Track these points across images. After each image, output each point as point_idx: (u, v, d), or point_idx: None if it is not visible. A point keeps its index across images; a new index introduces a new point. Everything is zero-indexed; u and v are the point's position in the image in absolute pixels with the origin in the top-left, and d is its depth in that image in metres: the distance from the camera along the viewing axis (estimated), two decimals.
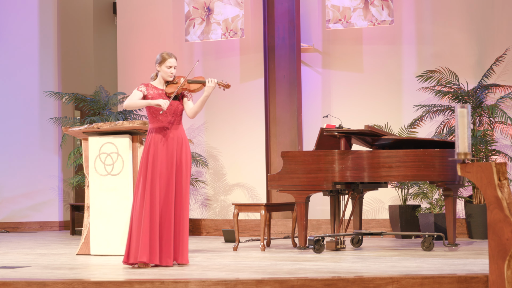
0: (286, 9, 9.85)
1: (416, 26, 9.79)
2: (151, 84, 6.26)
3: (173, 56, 6.24)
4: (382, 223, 9.58)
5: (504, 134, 9.19)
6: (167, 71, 6.21)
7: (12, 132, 11.75)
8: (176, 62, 6.24)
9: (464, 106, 4.65)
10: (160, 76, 6.25)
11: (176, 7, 10.82)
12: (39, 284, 4.94)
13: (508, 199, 4.51)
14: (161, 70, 6.23)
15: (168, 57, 6.21)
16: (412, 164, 7.10)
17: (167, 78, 6.23)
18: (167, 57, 6.21)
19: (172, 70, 6.22)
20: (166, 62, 6.20)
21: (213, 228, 10.20)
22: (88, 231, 7.36)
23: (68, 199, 12.07)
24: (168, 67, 6.21)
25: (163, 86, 6.27)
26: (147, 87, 6.22)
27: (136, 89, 6.20)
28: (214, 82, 6.23)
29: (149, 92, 6.20)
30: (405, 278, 4.80)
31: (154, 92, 6.21)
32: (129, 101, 6.16)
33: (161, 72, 6.24)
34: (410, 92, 9.65)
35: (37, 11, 11.92)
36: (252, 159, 10.28)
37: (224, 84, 6.32)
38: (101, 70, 12.78)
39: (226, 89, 6.38)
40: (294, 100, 9.81)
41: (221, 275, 5.28)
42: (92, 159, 7.35)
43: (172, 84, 6.27)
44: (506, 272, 4.46)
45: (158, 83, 6.28)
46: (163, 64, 6.21)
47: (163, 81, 6.27)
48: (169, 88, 6.26)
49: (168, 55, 6.22)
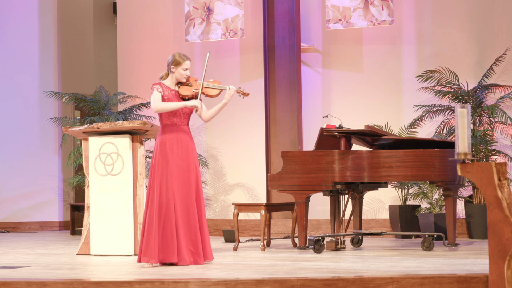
0: (286, 9, 9.85)
1: (416, 26, 9.79)
2: (163, 84, 6.26)
3: (188, 58, 6.26)
4: (382, 223, 9.58)
5: (504, 134, 9.19)
6: (183, 73, 6.23)
7: (12, 132, 11.75)
8: (190, 64, 6.26)
9: (464, 106, 4.65)
10: (174, 77, 6.26)
11: (176, 7, 10.82)
12: (39, 284, 4.94)
13: (508, 199, 4.51)
14: (176, 72, 6.23)
15: (185, 59, 6.22)
16: (412, 164, 7.10)
17: (181, 79, 6.25)
18: (183, 59, 6.22)
19: (187, 72, 6.24)
20: (183, 64, 6.22)
21: (213, 228, 10.20)
22: (88, 231, 7.36)
23: (68, 199, 12.07)
24: (185, 70, 6.23)
25: (175, 86, 6.28)
26: (162, 88, 6.22)
27: (156, 90, 6.18)
28: (233, 90, 6.30)
29: (165, 93, 6.20)
30: (405, 278, 4.80)
31: (168, 92, 6.21)
32: (158, 104, 6.13)
33: (176, 74, 6.23)
34: (410, 92, 9.65)
35: (37, 11, 11.92)
36: (252, 159, 10.28)
37: (243, 92, 6.36)
38: (101, 70, 12.79)
39: (245, 97, 6.40)
40: (294, 100, 9.81)
41: (221, 275, 5.28)
42: (92, 159, 7.35)
43: (186, 86, 6.27)
44: (506, 272, 4.46)
45: (171, 83, 6.28)
46: (180, 66, 6.21)
47: (175, 82, 6.28)
48: (183, 90, 6.25)
49: (184, 58, 6.22)
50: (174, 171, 6.12)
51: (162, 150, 6.16)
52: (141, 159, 7.31)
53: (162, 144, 6.17)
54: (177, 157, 6.15)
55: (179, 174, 6.13)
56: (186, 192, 6.14)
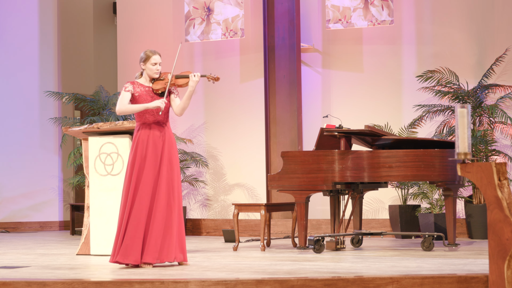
0: (286, 9, 9.85)
1: (416, 26, 9.79)
2: (137, 82, 6.26)
3: (156, 53, 6.25)
4: (382, 223, 9.58)
5: (504, 134, 9.19)
6: (153, 68, 6.22)
7: (12, 132, 11.75)
8: (160, 59, 6.25)
9: (464, 106, 4.65)
10: (146, 74, 6.26)
11: (176, 7, 10.82)
12: (39, 284, 4.94)
13: (508, 199, 4.51)
14: (146, 68, 6.24)
15: (152, 54, 6.22)
16: (412, 164, 7.10)
17: (153, 75, 6.24)
18: (150, 54, 6.22)
19: (157, 67, 6.23)
20: (151, 59, 6.21)
21: (213, 228, 10.20)
22: (88, 231, 7.36)
23: (68, 199, 12.07)
24: (153, 64, 6.22)
25: (149, 83, 6.27)
26: (134, 85, 6.22)
27: (124, 89, 6.18)
28: (198, 76, 6.23)
29: (136, 90, 6.20)
30: (405, 278, 4.80)
31: (140, 89, 6.21)
32: (122, 106, 6.13)
33: (147, 70, 6.24)
34: (410, 92, 9.65)
35: (37, 11, 11.92)
36: (252, 159, 10.28)
37: (212, 77, 6.28)
38: (101, 70, 12.78)
39: (216, 81, 6.32)
40: (294, 100, 9.81)
41: (221, 275, 5.27)
42: (92, 159, 7.35)
43: (159, 81, 6.27)
44: (506, 272, 4.46)
45: (144, 80, 6.28)
46: (148, 61, 6.22)
47: (149, 79, 6.27)
48: (156, 84, 6.25)
49: (152, 52, 6.23)
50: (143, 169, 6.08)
51: (133, 149, 6.15)
52: None
53: (134, 142, 6.17)
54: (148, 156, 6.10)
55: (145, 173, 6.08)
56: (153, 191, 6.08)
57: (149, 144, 6.13)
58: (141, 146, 6.13)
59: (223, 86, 10.32)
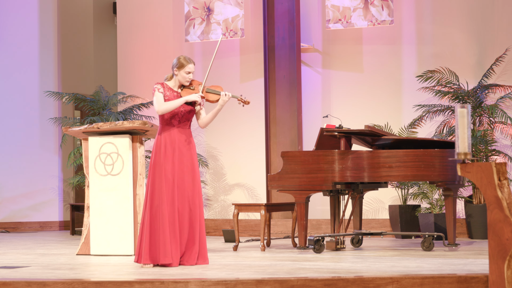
0: (286, 9, 9.85)
1: (416, 26, 9.79)
2: (166, 84, 6.25)
3: (192, 61, 6.21)
4: (382, 223, 9.58)
5: (504, 134, 9.19)
6: (186, 76, 6.20)
7: (12, 132, 11.75)
8: (194, 68, 6.23)
9: (464, 106, 4.65)
10: (177, 79, 6.24)
11: (176, 7, 10.82)
12: (39, 284, 4.94)
13: (508, 199, 4.51)
14: (179, 75, 6.20)
15: (187, 63, 6.18)
16: (412, 164, 7.10)
17: (184, 83, 6.23)
18: (185, 63, 6.17)
19: (190, 76, 6.21)
20: (186, 67, 6.18)
21: (213, 228, 10.20)
22: (88, 231, 7.36)
23: (68, 199, 12.07)
24: (187, 73, 6.20)
25: (178, 89, 6.26)
26: (164, 88, 6.21)
27: (156, 91, 6.16)
28: (228, 96, 6.25)
29: (166, 94, 6.18)
30: (405, 278, 4.80)
31: (170, 93, 6.19)
32: (161, 105, 6.11)
33: (179, 77, 6.21)
34: (410, 92, 9.65)
35: (37, 11, 11.92)
36: (252, 159, 10.28)
37: (243, 99, 6.32)
38: (101, 70, 12.78)
39: (245, 105, 6.36)
40: (294, 100, 9.81)
41: (221, 275, 5.27)
42: (92, 159, 7.35)
43: (188, 89, 6.25)
44: (506, 272, 4.46)
45: (174, 85, 6.26)
46: (182, 69, 6.18)
47: (178, 84, 6.26)
48: (185, 92, 6.22)
49: (187, 61, 6.18)
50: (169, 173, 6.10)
51: (158, 152, 6.15)
52: (141, 159, 7.31)
53: (158, 145, 6.17)
54: (171, 159, 6.12)
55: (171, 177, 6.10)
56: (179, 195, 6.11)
57: (174, 147, 6.13)
58: (164, 148, 6.12)
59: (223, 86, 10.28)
